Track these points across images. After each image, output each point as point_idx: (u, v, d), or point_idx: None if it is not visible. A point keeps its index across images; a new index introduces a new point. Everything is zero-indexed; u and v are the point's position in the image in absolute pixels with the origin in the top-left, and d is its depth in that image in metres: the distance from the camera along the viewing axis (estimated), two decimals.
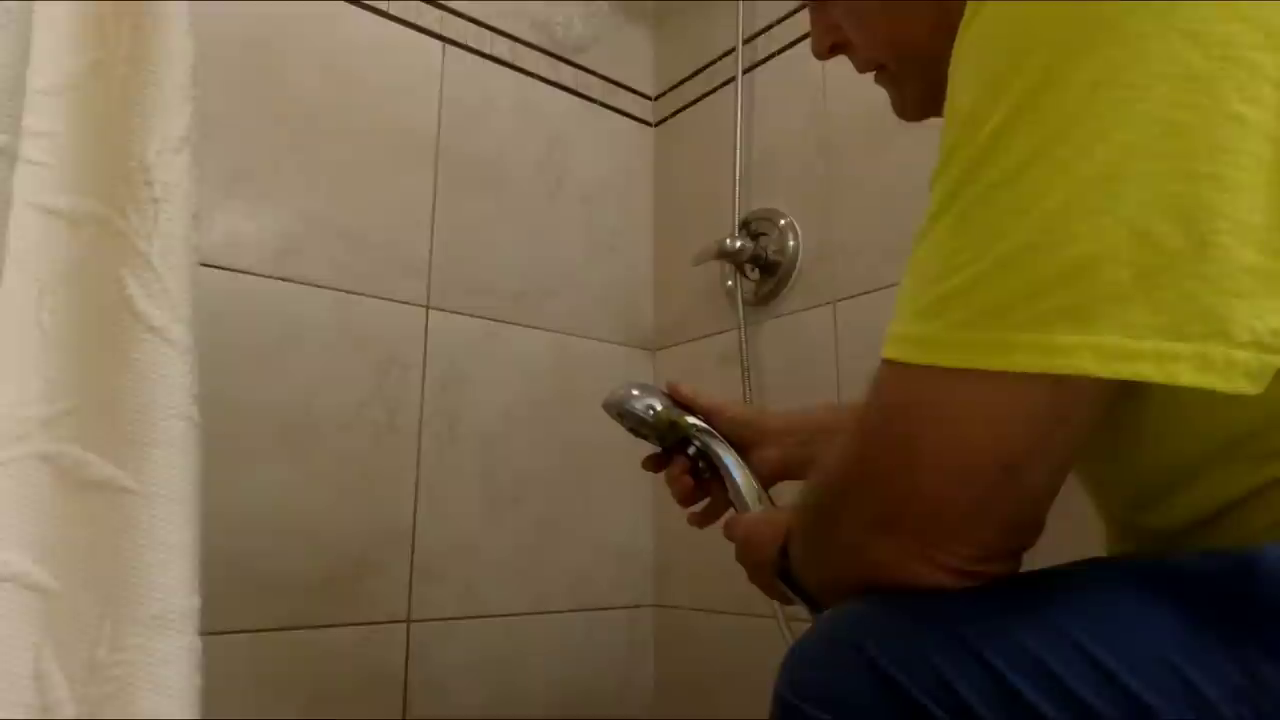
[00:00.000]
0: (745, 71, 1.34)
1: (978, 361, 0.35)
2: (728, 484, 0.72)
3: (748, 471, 0.72)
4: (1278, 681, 0.33)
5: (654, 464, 0.79)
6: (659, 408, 0.75)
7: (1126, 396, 0.38)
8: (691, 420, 0.75)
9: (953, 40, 0.40)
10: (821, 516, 0.46)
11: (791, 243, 1.22)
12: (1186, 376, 0.32)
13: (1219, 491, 0.40)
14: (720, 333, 1.31)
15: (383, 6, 1.20)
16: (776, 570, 0.56)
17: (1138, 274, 0.32)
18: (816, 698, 0.41)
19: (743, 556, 0.64)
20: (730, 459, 0.72)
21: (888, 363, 0.39)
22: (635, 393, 0.76)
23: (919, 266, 0.39)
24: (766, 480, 0.74)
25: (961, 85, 0.38)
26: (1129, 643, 0.35)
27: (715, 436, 0.74)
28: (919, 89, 0.58)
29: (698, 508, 0.78)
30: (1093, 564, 0.42)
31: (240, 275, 1.03)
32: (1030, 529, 0.41)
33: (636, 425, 0.76)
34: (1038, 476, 0.38)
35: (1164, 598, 0.36)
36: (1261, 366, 0.33)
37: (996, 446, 0.37)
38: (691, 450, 0.74)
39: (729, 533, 0.66)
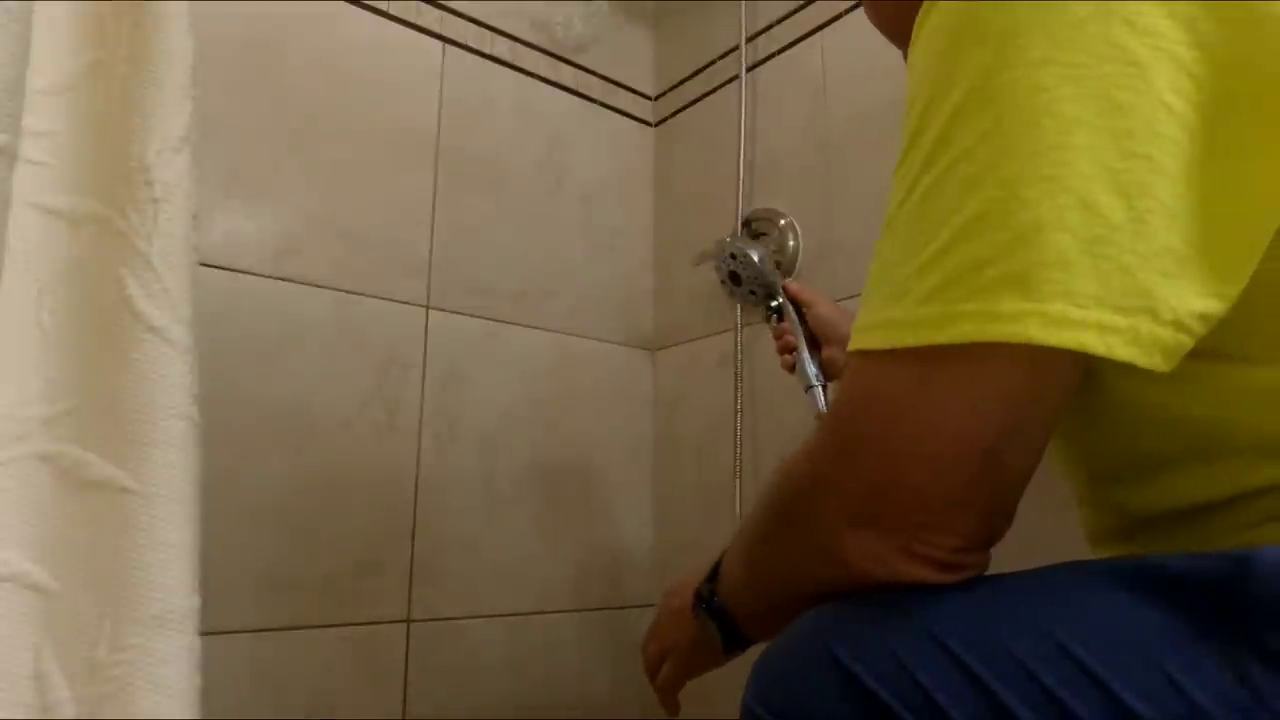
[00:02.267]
0: (747, 70, 1.33)
1: (927, 337, 0.35)
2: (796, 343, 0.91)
3: (807, 349, 0.90)
4: (1275, 691, 0.31)
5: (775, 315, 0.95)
6: (770, 263, 0.98)
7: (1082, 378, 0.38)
8: (784, 285, 0.94)
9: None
10: (786, 517, 0.45)
11: (791, 243, 1.22)
12: (1120, 350, 0.33)
13: (1190, 491, 0.40)
14: (720, 333, 1.31)
15: (383, 6, 1.20)
16: (696, 592, 0.55)
17: (1083, 243, 0.33)
18: (784, 710, 0.40)
19: (659, 616, 0.63)
20: (801, 332, 0.91)
21: (857, 355, 0.39)
22: (755, 246, 0.99)
23: (884, 257, 0.39)
24: (826, 375, 0.90)
25: (920, 76, 0.39)
26: (1116, 646, 0.34)
27: (794, 312, 0.92)
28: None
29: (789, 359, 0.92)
30: (1074, 566, 0.40)
31: (240, 275, 1.03)
32: (1007, 515, 0.40)
33: (745, 269, 0.98)
34: (1016, 458, 0.38)
35: (1151, 599, 0.35)
36: (1178, 345, 0.34)
37: (974, 430, 0.36)
38: (774, 304, 0.93)
39: (649, 638, 0.65)
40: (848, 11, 1.19)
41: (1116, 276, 0.33)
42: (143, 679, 0.37)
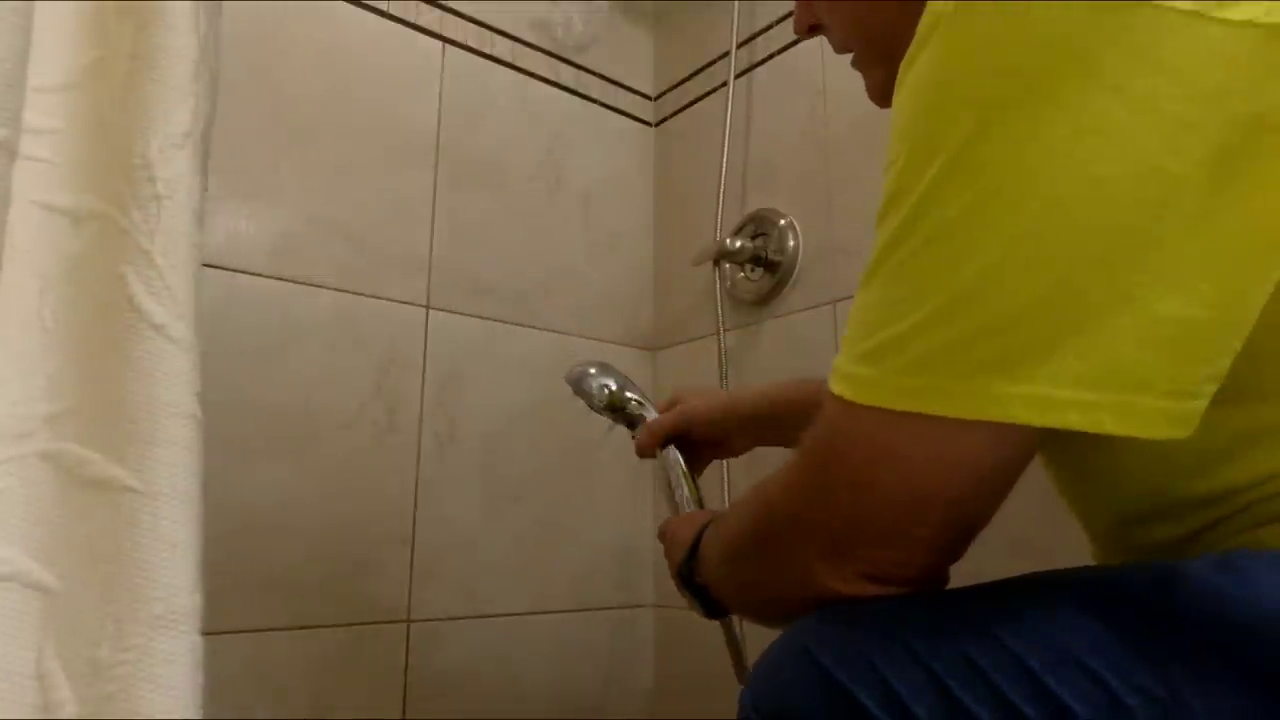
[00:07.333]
0: (745, 72, 1.34)
1: (919, 405, 0.37)
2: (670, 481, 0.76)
3: (687, 478, 0.75)
4: (1190, 695, 0.33)
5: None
6: (613, 388, 0.80)
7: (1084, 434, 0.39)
8: (638, 404, 0.80)
9: (912, 33, 0.39)
10: (764, 542, 0.48)
11: (791, 243, 1.22)
12: (1110, 424, 0.34)
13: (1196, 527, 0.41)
14: (719, 333, 1.31)
15: (382, 6, 1.20)
16: (678, 571, 0.60)
17: (1063, 327, 0.34)
18: (769, 706, 0.43)
19: (666, 555, 0.68)
20: (675, 469, 0.76)
21: (835, 398, 0.40)
22: (593, 371, 0.81)
23: (862, 311, 0.40)
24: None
25: (901, 133, 0.39)
26: (1055, 647, 0.36)
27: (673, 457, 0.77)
28: (881, 76, 0.59)
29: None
30: (1032, 579, 0.43)
31: (240, 275, 1.03)
32: (966, 546, 0.43)
33: (589, 402, 0.81)
34: (981, 508, 0.41)
35: (1096, 608, 0.37)
36: (1185, 413, 0.34)
37: (944, 484, 0.38)
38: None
39: (660, 536, 0.70)
40: None
41: (1099, 355, 0.33)
42: (145, 679, 0.37)
